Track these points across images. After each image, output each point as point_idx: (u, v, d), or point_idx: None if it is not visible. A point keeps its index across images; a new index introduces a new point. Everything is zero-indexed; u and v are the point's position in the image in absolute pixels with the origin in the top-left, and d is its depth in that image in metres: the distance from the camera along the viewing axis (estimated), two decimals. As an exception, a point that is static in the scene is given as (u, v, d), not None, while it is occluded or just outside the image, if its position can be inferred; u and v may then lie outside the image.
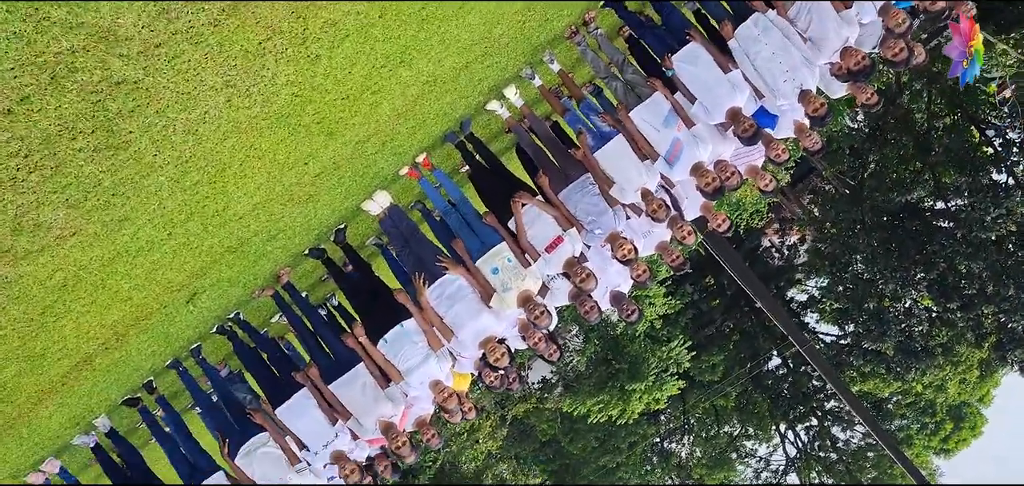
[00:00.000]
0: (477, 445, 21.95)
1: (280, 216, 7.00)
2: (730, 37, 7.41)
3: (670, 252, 8.06)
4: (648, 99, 7.60)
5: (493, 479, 23.12)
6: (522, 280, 7.12)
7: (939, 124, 20.13)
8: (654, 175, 7.58)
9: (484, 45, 6.98)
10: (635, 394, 23.16)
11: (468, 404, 7.55)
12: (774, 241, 26.11)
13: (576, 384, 22.63)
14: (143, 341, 7.32)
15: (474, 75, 7.30)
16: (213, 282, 7.25)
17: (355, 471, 7.10)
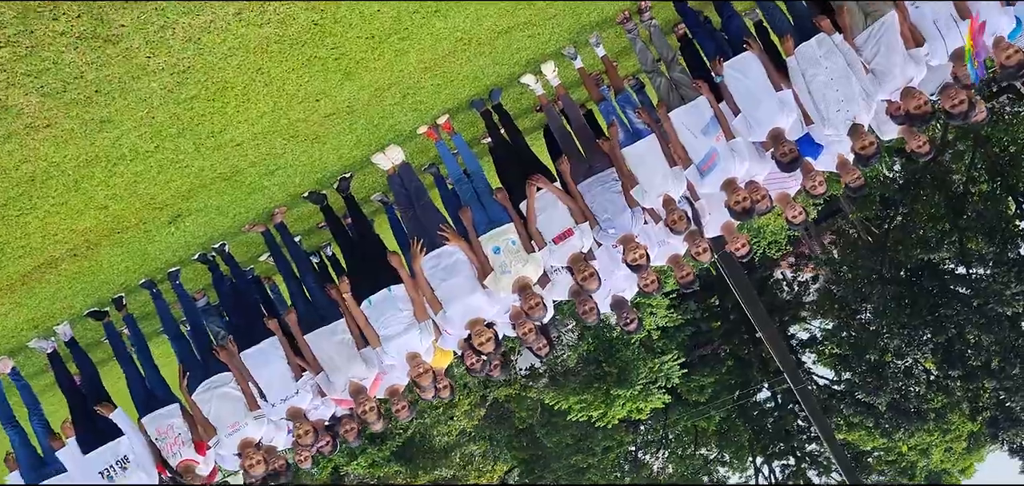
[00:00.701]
0: (452, 421, 21.53)
1: (282, 152, 6.49)
2: (790, 53, 6.93)
3: (682, 266, 7.73)
4: (691, 102, 7.14)
5: (462, 458, 22.69)
6: (523, 265, 6.81)
7: (975, 189, 19.60)
8: (681, 183, 7.17)
9: (530, 12, 6.43)
10: (619, 400, 22.83)
11: (444, 382, 7.34)
12: (786, 274, 25.64)
13: (562, 379, 22.27)
14: (117, 254, 6.82)
15: (513, 42, 6.75)
16: (200, 207, 6.74)
17: (309, 432, 6.94)
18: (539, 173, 7.19)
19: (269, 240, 7.75)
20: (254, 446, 6.94)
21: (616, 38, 7.76)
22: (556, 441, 26.31)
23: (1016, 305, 20.85)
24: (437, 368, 7.50)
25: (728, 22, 7.35)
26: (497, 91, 7.54)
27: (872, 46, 6.85)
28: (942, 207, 19.64)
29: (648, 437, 30.98)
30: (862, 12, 6.89)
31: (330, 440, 7.21)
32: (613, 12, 7.11)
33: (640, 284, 7.45)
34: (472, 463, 23.01)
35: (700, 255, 7.52)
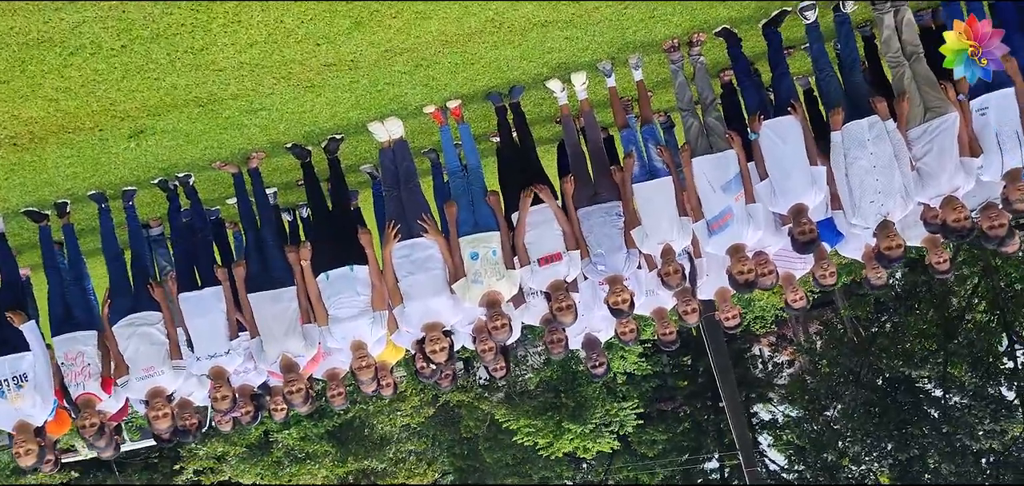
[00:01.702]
0: (396, 414, 20.78)
1: (269, 92, 5.80)
2: (837, 128, 6.34)
3: (665, 323, 7.34)
4: (718, 153, 6.56)
5: (396, 454, 21.94)
6: (497, 279, 6.37)
7: (971, 317, 19.22)
8: (686, 235, 6.65)
9: (573, 11, 5.75)
10: (569, 434, 22.30)
11: (388, 379, 7.17)
12: (764, 351, 25.16)
13: (518, 398, 21.67)
14: (65, 156, 6.13)
15: (548, 39, 6.07)
16: (167, 128, 6.05)
17: (227, 397, 6.57)
18: (542, 184, 6.64)
19: (238, 184, 7.08)
20: (164, 397, 6.50)
21: (657, 66, 7.09)
22: (496, 458, 25.69)
23: (984, 443, 20.41)
24: (384, 362, 7.23)
25: (779, 80, 6.71)
26: (518, 89, 6.85)
27: (925, 143, 6.35)
28: (934, 326, 19.24)
29: (588, 477, 30.30)
30: (923, 104, 6.38)
31: (252, 410, 6.81)
32: (662, 36, 6.43)
33: (617, 329, 7.10)
34: (405, 462, 22.25)
35: (687, 315, 7.01)
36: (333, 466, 20.01)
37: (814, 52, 6.66)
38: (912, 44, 6.48)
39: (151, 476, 21.89)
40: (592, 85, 6.94)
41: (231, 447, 19.23)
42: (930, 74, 6.38)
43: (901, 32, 6.49)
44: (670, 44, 6.60)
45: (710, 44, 6.76)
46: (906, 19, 6.49)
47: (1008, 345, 19.08)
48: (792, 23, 6.66)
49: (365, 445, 20.84)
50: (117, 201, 7.12)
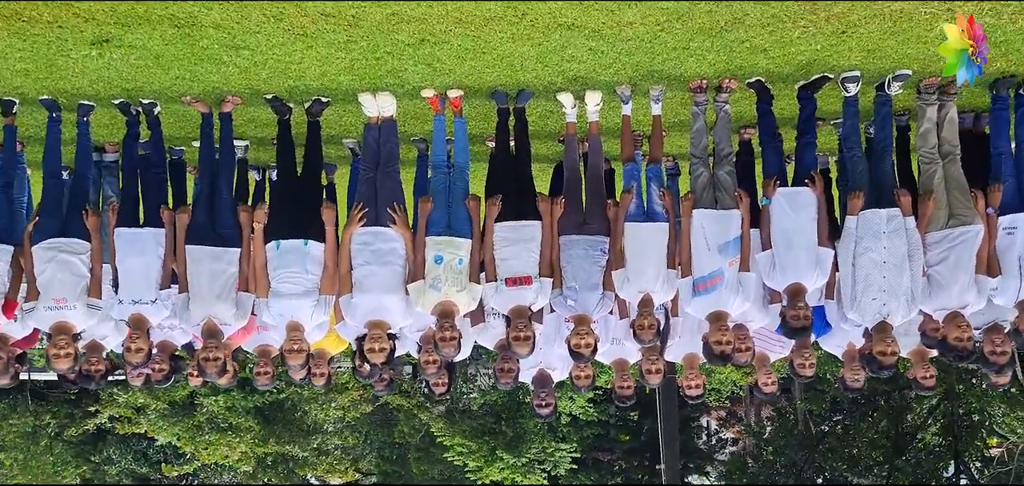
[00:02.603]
0: (331, 405, 19.99)
1: (256, 29, 5.22)
2: (854, 212, 5.93)
3: (625, 376, 6.89)
4: (723, 211, 6.09)
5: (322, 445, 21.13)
6: (457, 290, 5.90)
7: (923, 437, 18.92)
8: (670, 290, 6.16)
9: (603, 20, 5.18)
10: (501, 463, 21.66)
11: (322, 369, 6.75)
12: (711, 424, 24.82)
13: (458, 416, 21.00)
14: (15, 48, 5.49)
15: (570, 45, 5.51)
16: (136, 44, 5.42)
17: (141, 351, 5.93)
18: (541, 202, 6.15)
19: (206, 125, 6.45)
20: (70, 335, 5.89)
21: (677, 106, 6.58)
22: (423, 471, 24.99)
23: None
24: (321, 351, 6.76)
25: (803, 149, 6.24)
26: (527, 94, 6.28)
27: (942, 250, 5.96)
28: (885, 438, 18.90)
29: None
30: (948, 209, 6.00)
31: (168, 370, 6.30)
32: (692, 73, 5.90)
33: (573, 372, 6.79)
34: (329, 455, 21.43)
35: (650, 374, 6.52)
36: (253, 443, 19.15)
37: (846, 129, 6.21)
38: (950, 143, 6.10)
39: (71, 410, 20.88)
40: (605, 109, 6.38)
41: (154, 401, 18.35)
42: (963, 179, 6.02)
43: (942, 128, 6.12)
44: (698, 84, 6.08)
45: (738, 95, 6.23)
46: (950, 116, 6.09)
47: (954, 473, 18.84)
48: (829, 93, 6.17)
49: (291, 429, 20.02)
50: (72, 115, 6.44)
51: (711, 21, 5.16)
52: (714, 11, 5.04)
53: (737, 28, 5.24)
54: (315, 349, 6.65)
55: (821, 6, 4.99)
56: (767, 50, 5.55)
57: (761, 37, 5.36)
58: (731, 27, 5.22)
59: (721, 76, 5.98)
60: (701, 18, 5.13)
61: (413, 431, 22.78)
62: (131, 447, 22.17)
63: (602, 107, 6.31)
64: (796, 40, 5.40)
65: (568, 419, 20.22)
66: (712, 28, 5.24)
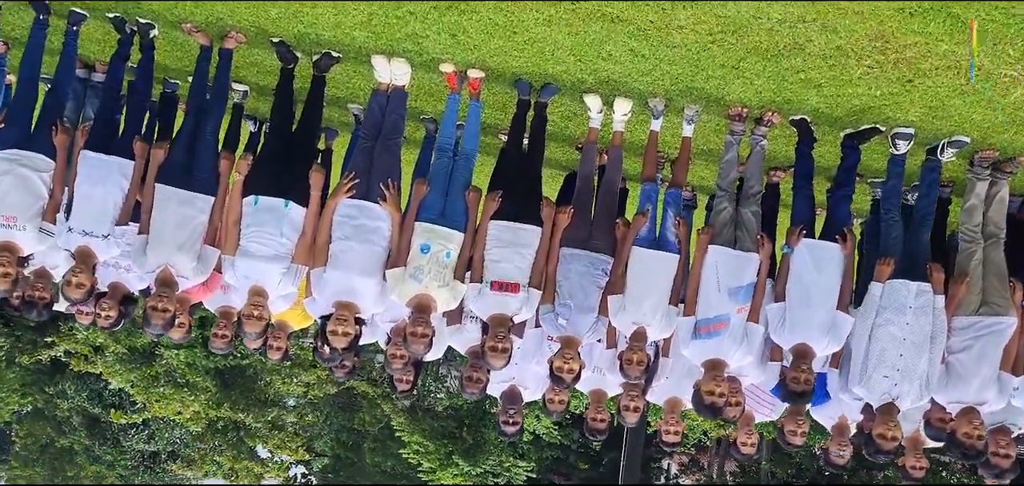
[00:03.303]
0: (295, 380, 19.28)
1: (272, -37, 4.59)
2: (882, 279, 5.40)
3: (600, 408, 6.24)
4: (742, 252, 5.53)
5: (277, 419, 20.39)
6: (438, 285, 5.33)
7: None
8: (669, 327, 5.58)
9: (652, 18, 4.66)
10: (455, 469, 21.13)
11: (281, 343, 6.22)
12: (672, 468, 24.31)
13: (420, 415, 20.42)
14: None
15: (610, 41, 4.98)
16: (138, -47, 4.78)
17: (82, 288, 5.38)
18: (546, 207, 5.56)
19: (202, 58, 5.94)
20: (15, 255, 5.42)
21: (710, 132, 6.05)
22: (376, 462, 24.40)
23: None
24: (283, 323, 6.27)
25: (838, 202, 5.75)
26: (552, 88, 5.74)
27: (967, 338, 5.43)
28: (849, 514, 18.57)
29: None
30: (982, 295, 5.48)
31: (115, 316, 5.58)
32: (735, 97, 5.39)
33: (547, 394, 6.15)
34: (282, 430, 20.69)
35: (628, 412, 6.01)
36: (207, 404, 18.42)
37: (887, 189, 5.69)
38: (996, 225, 5.62)
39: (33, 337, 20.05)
40: (632, 121, 5.85)
41: (114, 343, 17.62)
42: (1003, 265, 5.52)
43: (989, 207, 5.62)
44: (738, 111, 5.55)
45: (776, 131, 5.71)
46: (1000, 195, 5.62)
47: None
48: (874, 148, 5.65)
49: (248, 398, 19.29)
50: (61, 22, 5.85)
51: (769, 41, 4.63)
52: (776, 31, 4.50)
53: (796, 55, 4.71)
54: (277, 320, 6.14)
55: (893, 46, 4.46)
56: (821, 86, 5.02)
57: (819, 70, 4.83)
58: (790, 53, 4.69)
59: (764, 107, 5.45)
60: (759, 36, 4.60)
61: (374, 420, 22.20)
62: (87, 385, 21.44)
63: (630, 118, 5.78)
64: (856, 80, 4.87)
65: (531, 437, 19.67)
66: (768, 50, 4.71)
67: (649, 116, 5.76)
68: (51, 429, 25.41)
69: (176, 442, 22.30)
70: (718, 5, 4.37)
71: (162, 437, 22.72)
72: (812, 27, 4.41)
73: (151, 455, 24.39)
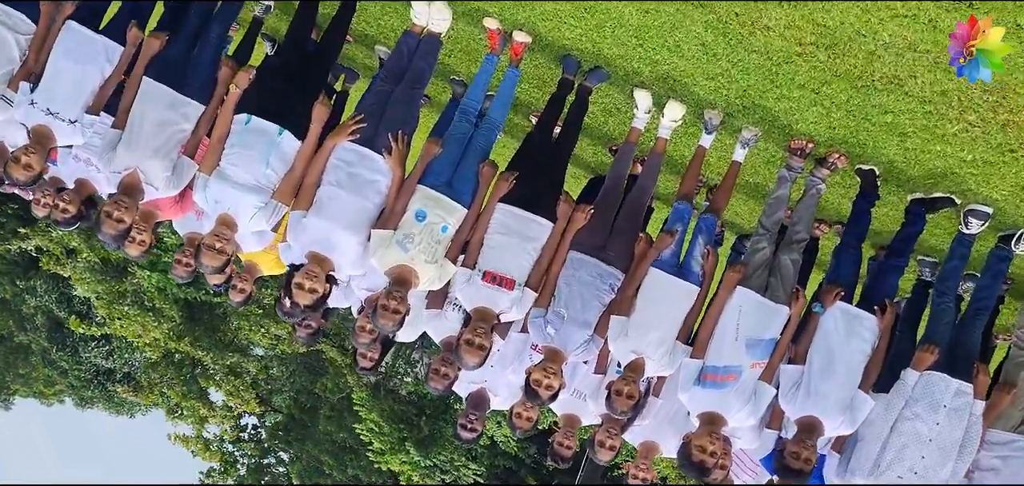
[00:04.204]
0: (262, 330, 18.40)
1: None
2: (920, 368, 4.64)
3: (571, 435, 5.44)
4: (771, 302, 4.73)
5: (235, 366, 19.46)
6: (426, 260, 4.58)
7: None
8: (669, 365, 4.76)
9: (739, 9, 3.92)
10: (404, 456, 20.29)
11: (246, 286, 5.47)
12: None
13: (382, 394, 19.58)
14: None
15: (680, 29, 4.28)
16: None
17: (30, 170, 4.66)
18: (564, 202, 4.81)
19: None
20: None
21: (762, 163, 5.36)
22: (327, 431, 23.55)
23: None
24: (251, 264, 5.55)
25: (888, 271, 5.04)
26: (601, 74, 5.03)
27: (1000, 455, 4.74)
28: None
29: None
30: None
31: (74, 213, 4.79)
32: (803, 128, 4.67)
33: (516, 407, 5.18)
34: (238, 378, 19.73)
35: (602, 447, 5.14)
36: (168, 335, 17.47)
37: (946, 270, 4.96)
38: (1057, 340, 4.88)
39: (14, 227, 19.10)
40: (680, 132, 5.14)
41: (88, 250, 16.70)
42: (1057, 387, 4.77)
43: (1052, 315, 4.88)
44: (801, 145, 4.82)
45: (835, 179, 5.00)
46: (1069, 308, 4.87)
47: None
48: (943, 223, 4.94)
49: (212, 337, 18.35)
50: None
51: (866, 68, 3.91)
52: (878, 56, 3.78)
53: (891, 91, 3.99)
54: (246, 261, 5.44)
55: (1008, 105, 3.75)
56: (907, 135, 4.30)
57: (911, 115, 4.12)
58: (885, 87, 3.98)
59: (833, 146, 4.73)
60: (856, 58, 3.88)
61: (335, 389, 21.36)
62: (59, 288, 20.54)
63: (679, 126, 5.05)
64: (949, 136, 4.15)
65: (487, 441, 18.85)
66: (862, 77, 3.99)
67: (700, 129, 5.04)
68: (13, 322, 24.56)
69: (134, 365, 21.43)
70: (821, 9, 3.65)
71: (121, 356, 21.82)
72: (922, 60, 3.69)
73: (106, 372, 23.52)
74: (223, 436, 22.35)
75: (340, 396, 21.69)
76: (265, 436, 25.50)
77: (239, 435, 24.96)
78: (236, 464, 24.71)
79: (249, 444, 25.05)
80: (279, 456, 25.92)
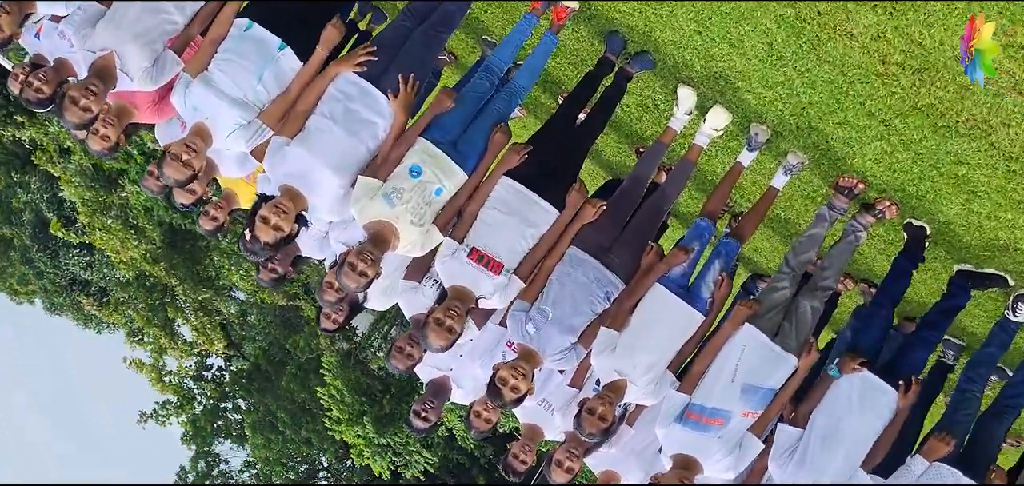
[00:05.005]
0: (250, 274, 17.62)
1: None
2: (930, 459, 4.07)
3: (528, 448, 4.66)
4: (779, 349, 4.11)
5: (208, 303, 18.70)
6: (411, 220, 3.94)
7: None
8: (654, 396, 4.12)
9: (814, 10, 3.32)
10: (359, 429, 19.58)
11: (219, 213, 4.93)
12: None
13: (351, 363, 18.89)
14: None
15: (748, 22, 3.70)
16: None
17: None
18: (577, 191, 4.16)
19: None
20: None
21: (798, 196, 4.75)
22: (290, 388, 22.87)
23: None
24: (230, 192, 5.04)
25: (918, 345, 4.45)
26: (647, 61, 4.45)
27: None
28: None
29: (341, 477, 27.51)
30: None
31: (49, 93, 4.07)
32: (858, 165, 4.08)
33: (475, 405, 4.55)
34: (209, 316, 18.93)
35: (559, 467, 4.39)
36: (144, 256, 16.68)
37: (982, 355, 4.40)
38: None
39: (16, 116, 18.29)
40: (719, 143, 4.54)
41: (82, 153, 15.94)
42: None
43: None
44: (851, 183, 4.23)
45: (878, 230, 4.41)
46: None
47: None
48: (986, 304, 4.36)
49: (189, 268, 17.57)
50: None
51: (953, 105, 3.32)
52: (973, 94, 3.20)
53: (975, 138, 3.41)
54: (225, 188, 4.89)
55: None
56: (977, 195, 3.73)
57: (988, 171, 3.54)
58: (970, 132, 3.40)
59: (885, 192, 4.15)
60: (945, 91, 3.29)
61: (306, 348, 20.67)
62: (53, 188, 19.75)
63: (718, 138, 4.46)
64: None
65: (446, 433, 18.17)
66: (944, 116, 3.41)
67: (741, 144, 4.45)
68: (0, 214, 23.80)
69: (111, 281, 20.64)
70: (922, 23, 3.06)
71: (100, 271, 21.05)
72: (1017, 103, 3.11)
73: (82, 282, 22.74)
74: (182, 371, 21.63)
75: (310, 356, 21.02)
76: (228, 380, 24.83)
77: (202, 373, 24.31)
78: (194, 401, 24.03)
79: (210, 385, 24.38)
80: (237, 403, 25.25)
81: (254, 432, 23.75)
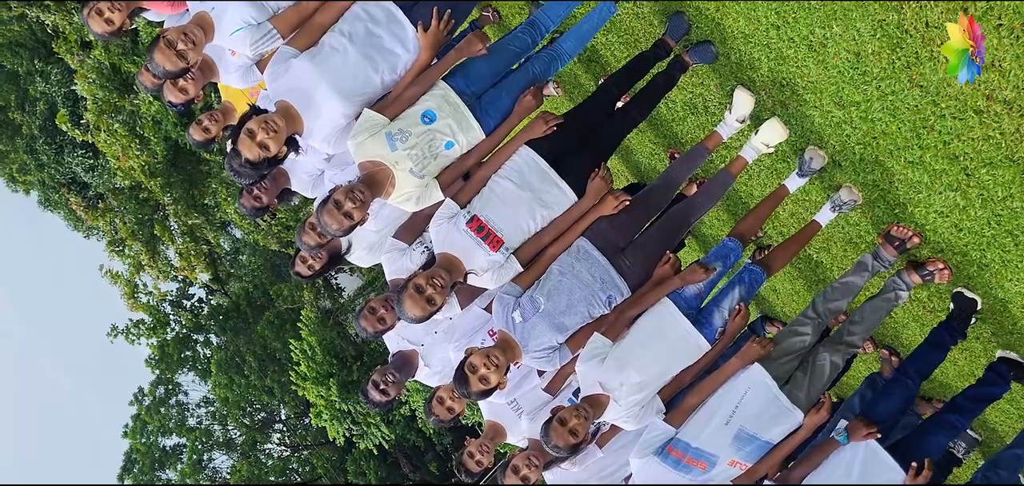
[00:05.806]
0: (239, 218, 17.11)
1: None
2: None
3: (487, 450, 4.07)
4: (786, 400, 3.63)
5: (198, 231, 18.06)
6: (412, 166, 3.46)
7: None
8: (638, 420, 3.62)
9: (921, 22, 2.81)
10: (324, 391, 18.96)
11: (213, 125, 4.24)
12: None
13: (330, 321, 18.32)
14: None
15: (832, 21, 3.19)
16: None
17: None
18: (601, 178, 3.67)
19: None
20: None
21: (838, 239, 4.21)
22: (264, 335, 22.27)
23: None
24: (230, 106, 4.44)
25: (939, 427, 3.93)
26: (709, 53, 3.94)
27: None
28: None
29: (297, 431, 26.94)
30: None
31: None
32: (919, 214, 3.55)
33: (440, 391, 3.98)
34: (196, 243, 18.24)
35: (514, 473, 3.81)
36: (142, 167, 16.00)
37: (1006, 456, 3.99)
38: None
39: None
40: (767, 161, 4.02)
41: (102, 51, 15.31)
42: None
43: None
44: (905, 235, 3.73)
45: (920, 294, 3.90)
46: None
47: None
48: (1019, 401, 3.85)
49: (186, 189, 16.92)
50: None
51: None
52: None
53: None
54: (224, 99, 4.38)
55: None
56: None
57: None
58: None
59: (942, 253, 3.63)
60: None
61: (288, 299, 20.03)
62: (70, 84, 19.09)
63: (768, 154, 3.94)
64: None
65: (408, 412, 17.54)
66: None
67: (790, 166, 3.93)
68: (14, 98, 23.15)
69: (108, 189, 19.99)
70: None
71: (101, 177, 20.37)
72: None
73: (81, 185, 22.08)
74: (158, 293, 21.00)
75: (290, 308, 20.42)
76: (205, 313, 24.22)
77: (181, 300, 23.70)
78: (167, 326, 23.39)
79: (186, 313, 23.76)
80: (209, 337, 24.65)
81: (219, 370, 23.17)
